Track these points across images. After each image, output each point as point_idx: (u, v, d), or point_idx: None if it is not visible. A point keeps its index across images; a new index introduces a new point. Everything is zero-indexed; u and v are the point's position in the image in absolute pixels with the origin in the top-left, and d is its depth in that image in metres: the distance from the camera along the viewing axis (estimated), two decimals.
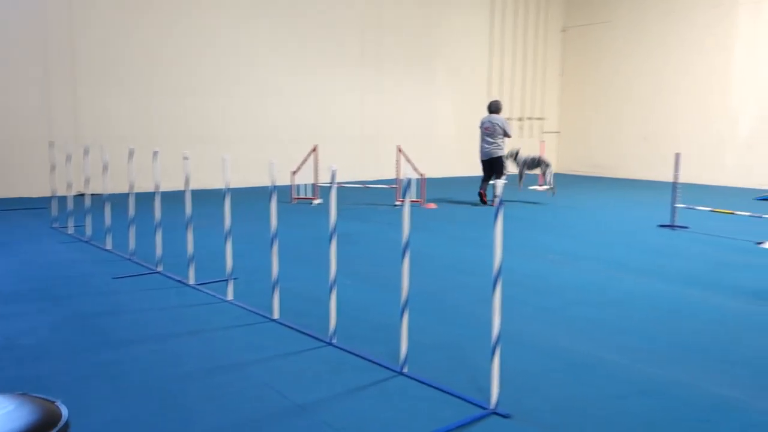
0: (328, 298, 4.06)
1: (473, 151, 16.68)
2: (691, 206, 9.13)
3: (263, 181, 12.19)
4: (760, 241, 7.70)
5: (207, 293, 5.24)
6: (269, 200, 4.53)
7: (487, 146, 11.36)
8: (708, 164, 15.23)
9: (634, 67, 17.07)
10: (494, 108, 11.51)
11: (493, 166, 11.39)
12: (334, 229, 3.99)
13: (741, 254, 7.17)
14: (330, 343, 4.05)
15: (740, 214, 8.71)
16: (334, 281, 4.04)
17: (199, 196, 11.51)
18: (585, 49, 18.37)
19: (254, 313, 4.71)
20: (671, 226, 8.77)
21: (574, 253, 7.12)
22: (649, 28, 16.65)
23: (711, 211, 9.18)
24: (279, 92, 13.90)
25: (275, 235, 4.54)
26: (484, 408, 3.15)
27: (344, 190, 12.03)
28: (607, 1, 17.63)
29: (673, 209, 8.81)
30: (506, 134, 11.31)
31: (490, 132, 11.30)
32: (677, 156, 8.73)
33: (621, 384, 3.53)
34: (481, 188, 11.35)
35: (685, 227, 8.75)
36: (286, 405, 3.21)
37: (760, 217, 8.30)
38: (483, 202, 11.30)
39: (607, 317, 4.77)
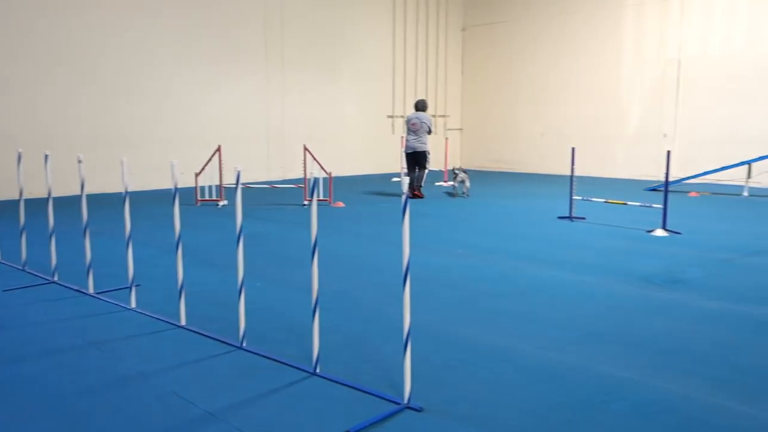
0: (237, 302, 3.98)
1: (380, 149, 16.96)
2: (587, 198, 9.58)
3: (166, 183, 11.81)
4: (650, 229, 8.18)
5: (108, 302, 5.03)
6: (172, 203, 4.39)
7: (412, 141, 11.95)
8: (601, 158, 16.04)
9: (531, 66, 17.73)
10: (421, 106, 12.11)
11: (417, 159, 11.98)
12: (241, 230, 3.93)
13: (634, 242, 7.59)
14: (240, 347, 3.98)
15: (632, 205, 9.23)
16: (243, 284, 3.97)
17: (98, 200, 11.01)
18: (485, 48, 18.91)
19: (159, 320, 4.56)
20: (569, 218, 9.17)
21: (479, 247, 7.32)
22: (544, 28, 17.34)
23: (605, 202, 9.66)
24: (181, 92, 13.50)
25: (179, 239, 4.41)
26: (397, 403, 3.19)
27: (251, 191, 11.84)
28: (504, 1, 18.21)
29: (571, 201, 9.21)
30: (429, 131, 11.98)
31: (416, 128, 11.88)
32: (572, 150, 9.15)
33: (527, 371, 3.66)
34: (413, 184, 11.92)
35: (582, 218, 9.17)
36: (195, 413, 3.13)
37: (650, 206, 8.82)
38: (416, 196, 11.77)
39: (513, 307, 4.94)
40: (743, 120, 13.92)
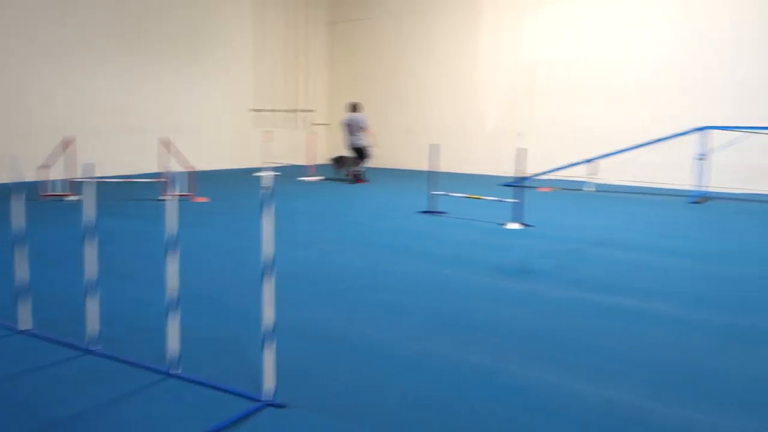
0: (84, 302, 3.73)
1: (243, 143, 16.56)
2: (446, 193, 9.92)
3: (4, 178, 10.85)
4: (503, 223, 8.62)
5: None
6: (8, 198, 4.03)
7: (350, 139, 13.88)
8: (461, 155, 16.67)
9: (396, 64, 18.08)
10: (355, 108, 13.97)
11: (357, 153, 13.93)
12: (90, 226, 3.68)
13: (489, 235, 7.96)
14: (89, 351, 3.73)
15: (488, 199, 9.66)
16: (92, 283, 3.73)
17: None
18: (351, 44, 19.03)
19: None
20: (430, 212, 9.46)
21: (342, 241, 7.36)
22: (409, 27, 17.73)
23: (464, 197, 10.05)
24: (26, 81, 12.42)
25: (19, 237, 4.06)
26: (258, 401, 3.13)
27: (105, 186, 11.16)
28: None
29: (431, 196, 9.50)
30: (365, 128, 13.83)
31: (352, 128, 13.77)
32: (431, 147, 9.43)
33: (391, 362, 3.72)
34: (352, 171, 13.92)
35: (443, 212, 9.49)
36: (39, 424, 2.90)
37: (504, 201, 9.28)
38: (360, 181, 13.84)
39: (378, 300, 5.01)
40: (588, 120, 15.01)
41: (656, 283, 5.69)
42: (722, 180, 12.85)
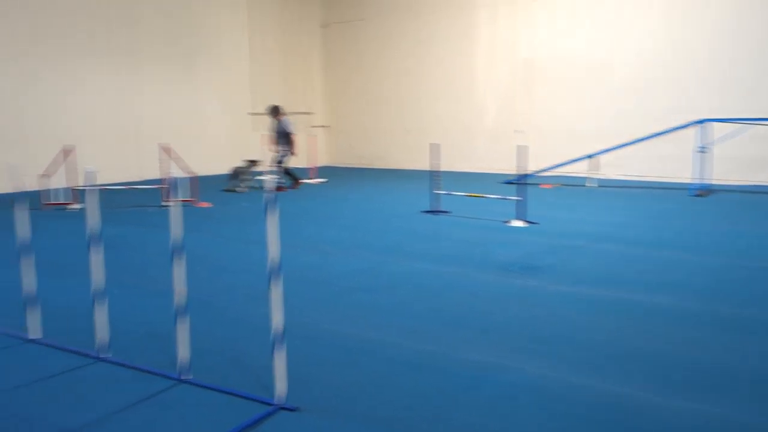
0: (93, 311, 3.74)
1: (243, 146, 16.54)
2: (449, 192, 9.92)
3: (4, 187, 10.86)
4: (506, 220, 8.62)
5: None
6: (11, 207, 4.04)
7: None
8: (461, 153, 16.67)
9: (392, 64, 18.08)
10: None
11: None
12: (95, 235, 3.69)
13: (493, 233, 7.97)
14: (100, 358, 3.75)
15: (490, 197, 9.67)
16: (100, 291, 3.74)
17: None
18: (346, 45, 19.03)
19: (6, 335, 4.19)
20: (433, 212, 9.46)
21: (345, 242, 7.37)
22: (402, 27, 17.73)
23: (466, 195, 10.06)
24: (24, 89, 12.43)
25: (24, 247, 4.07)
26: (270, 404, 3.14)
27: (107, 193, 11.18)
28: (360, 0, 18.44)
29: (434, 196, 9.51)
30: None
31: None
32: (432, 146, 9.44)
33: (395, 363, 3.73)
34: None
35: (446, 212, 9.49)
36: None
37: (506, 198, 9.29)
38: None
39: (380, 300, 5.02)
40: (586, 116, 15.00)
41: (661, 278, 5.70)
42: (724, 172, 12.84)
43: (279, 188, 12.58)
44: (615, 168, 14.13)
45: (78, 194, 10.33)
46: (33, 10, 12.54)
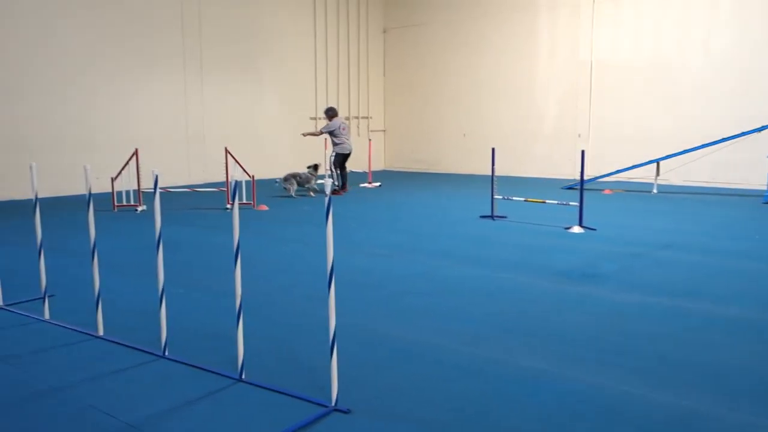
0: (158, 309, 3.88)
1: (304, 149, 16.78)
2: (507, 197, 9.83)
3: (80, 189, 11.35)
4: (567, 226, 8.48)
5: (19, 314, 4.79)
6: (86, 209, 4.23)
7: (348, 143, 13.03)
8: (520, 158, 16.48)
9: (451, 67, 18.03)
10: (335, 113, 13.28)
11: (347, 158, 13.17)
12: (160, 236, 3.82)
13: (552, 239, 7.85)
14: (162, 356, 3.88)
15: (550, 203, 9.53)
16: (163, 291, 3.87)
17: (7, 208, 10.51)
18: (405, 50, 19.09)
19: (76, 331, 4.38)
20: (491, 217, 9.39)
21: (402, 246, 7.39)
22: (463, 30, 17.67)
23: (525, 201, 9.94)
24: (94, 94, 12.96)
25: (95, 246, 4.25)
26: (324, 406, 3.18)
27: (171, 195, 11.55)
28: (423, 4, 18.45)
29: (492, 201, 9.44)
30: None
31: (347, 131, 13.12)
32: (493, 151, 9.37)
33: (448, 367, 3.73)
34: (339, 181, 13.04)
35: (504, 217, 9.41)
36: (115, 425, 3.03)
37: (567, 204, 9.14)
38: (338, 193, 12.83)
39: (433, 305, 5.01)
40: (649, 121, 14.59)
41: (726, 288, 5.50)
42: None
43: (335, 192, 12.65)
44: (679, 174, 13.69)
45: (145, 196, 10.69)
46: (99, 18, 13.06)
